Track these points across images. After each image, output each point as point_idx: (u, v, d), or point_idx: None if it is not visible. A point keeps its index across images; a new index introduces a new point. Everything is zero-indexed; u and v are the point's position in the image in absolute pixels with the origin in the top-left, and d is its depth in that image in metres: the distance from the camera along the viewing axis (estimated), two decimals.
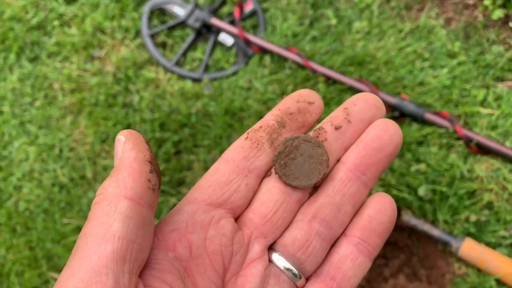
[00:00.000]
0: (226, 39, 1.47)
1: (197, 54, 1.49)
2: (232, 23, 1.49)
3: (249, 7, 1.48)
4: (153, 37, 1.50)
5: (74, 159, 1.38)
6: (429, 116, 1.27)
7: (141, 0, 1.55)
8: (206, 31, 1.49)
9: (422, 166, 1.23)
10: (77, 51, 1.52)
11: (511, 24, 1.39)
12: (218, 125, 1.33)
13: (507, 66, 1.35)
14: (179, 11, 1.49)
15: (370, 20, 1.45)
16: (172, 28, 1.52)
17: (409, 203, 1.21)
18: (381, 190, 1.22)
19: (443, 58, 1.37)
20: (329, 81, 1.36)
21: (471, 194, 1.22)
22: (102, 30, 1.53)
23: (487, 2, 1.40)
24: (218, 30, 1.47)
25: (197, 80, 1.44)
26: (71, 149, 1.41)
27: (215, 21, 1.45)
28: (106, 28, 1.52)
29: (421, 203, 1.21)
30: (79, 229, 1.29)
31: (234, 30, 1.43)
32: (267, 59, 1.41)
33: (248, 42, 1.41)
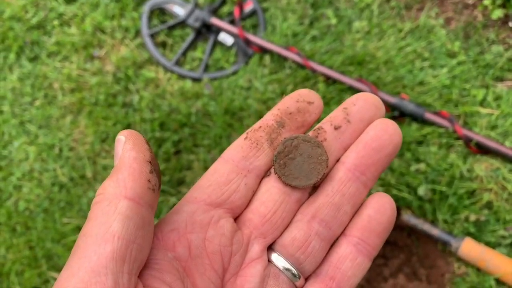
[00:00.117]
0: (226, 38, 1.47)
1: (197, 53, 1.49)
2: (232, 22, 1.49)
3: (249, 6, 1.47)
4: (153, 36, 1.50)
5: (74, 158, 1.38)
6: (428, 115, 1.27)
7: (141, 0, 1.55)
8: (206, 30, 1.49)
9: (422, 166, 1.23)
10: (77, 51, 1.52)
11: (510, 24, 1.39)
12: (218, 124, 1.33)
13: (506, 66, 1.35)
14: (179, 10, 1.49)
15: (370, 19, 1.45)
16: (172, 28, 1.52)
17: (409, 202, 1.21)
18: (380, 189, 1.22)
19: (442, 58, 1.37)
20: (329, 80, 1.36)
21: (471, 193, 1.22)
22: (102, 29, 1.53)
23: (486, 2, 1.40)
24: (218, 30, 1.47)
25: (197, 80, 1.44)
26: (71, 149, 1.41)
27: (215, 21, 1.45)
28: (106, 27, 1.52)
29: (421, 202, 1.21)
30: (79, 229, 1.29)
31: (234, 29, 1.43)
32: (267, 58, 1.41)
33: (248, 42, 1.41)
